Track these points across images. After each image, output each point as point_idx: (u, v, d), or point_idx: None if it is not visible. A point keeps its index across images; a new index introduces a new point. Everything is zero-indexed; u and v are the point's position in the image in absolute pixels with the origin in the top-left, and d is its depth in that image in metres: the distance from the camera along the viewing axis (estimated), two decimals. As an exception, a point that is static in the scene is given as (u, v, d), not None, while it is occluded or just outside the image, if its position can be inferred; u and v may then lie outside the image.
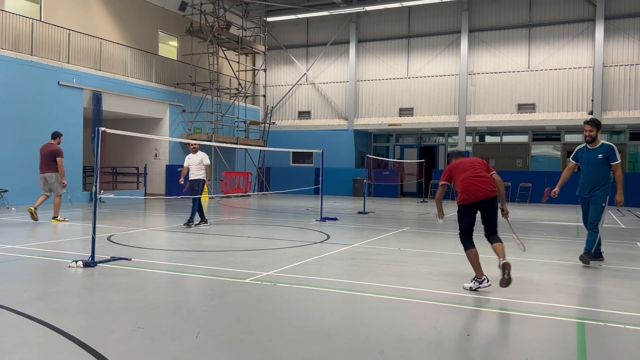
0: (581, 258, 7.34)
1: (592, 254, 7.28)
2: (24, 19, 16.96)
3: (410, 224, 13.10)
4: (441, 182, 6.23)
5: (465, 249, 5.82)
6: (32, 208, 11.67)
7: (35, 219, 11.53)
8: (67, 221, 11.85)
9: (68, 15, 19.05)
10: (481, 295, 5.50)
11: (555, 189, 7.58)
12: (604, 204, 7.20)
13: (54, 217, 11.79)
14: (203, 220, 11.65)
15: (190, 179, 11.58)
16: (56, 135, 12.09)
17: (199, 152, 11.72)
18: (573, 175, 7.80)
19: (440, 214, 6.55)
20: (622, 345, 4.09)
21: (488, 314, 4.91)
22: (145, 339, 3.97)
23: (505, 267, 5.40)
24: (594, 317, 4.74)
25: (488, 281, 5.61)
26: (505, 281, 5.39)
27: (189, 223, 11.30)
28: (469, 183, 5.84)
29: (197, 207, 11.40)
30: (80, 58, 18.78)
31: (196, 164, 11.58)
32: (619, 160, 7.25)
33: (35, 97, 16.55)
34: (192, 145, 11.82)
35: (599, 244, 7.35)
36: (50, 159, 11.76)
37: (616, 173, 7.21)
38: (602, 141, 7.34)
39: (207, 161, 11.68)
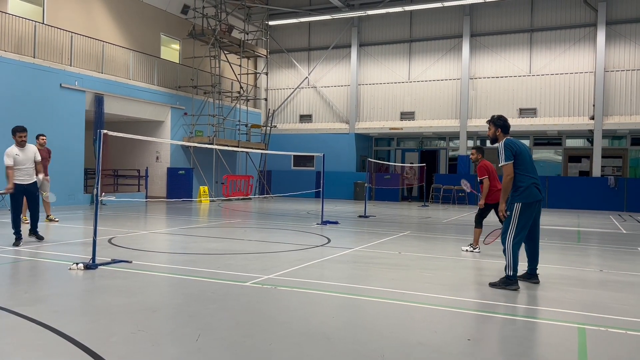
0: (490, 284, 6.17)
1: (504, 279, 6.00)
2: (26, 21, 17.02)
3: (411, 228, 13.09)
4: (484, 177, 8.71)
5: (476, 227, 8.92)
6: (50, 216, 12.02)
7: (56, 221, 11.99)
8: (57, 221, 12.21)
9: (71, 18, 19.11)
10: (482, 300, 5.50)
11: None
12: (508, 212, 6.08)
13: (49, 217, 12.13)
14: (20, 238, 8.65)
15: (24, 182, 8.69)
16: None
17: (29, 146, 8.91)
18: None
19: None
20: (623, 350, 4.08)
21: (488, 319, 4.91)
22: (146, 342, 3.96)
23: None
24: (595, 323, 4.73)
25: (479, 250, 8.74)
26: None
27: (39, 237, 8.98)
28: (494, 194, 8.56)
29: (33, 217, 9.01)
30: (83, 61, 18.83)
31: (31, 161, 8.85)
32: (502, 162, 6.03)
33: (37, 100, 16.59)
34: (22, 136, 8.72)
35: (510, 266, 5.96)
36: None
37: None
38: (504, 138, 6.26)
39: (37, 157, 8.97)
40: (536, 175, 6.17)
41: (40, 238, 9.03)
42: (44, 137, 12.26)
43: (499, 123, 6.34)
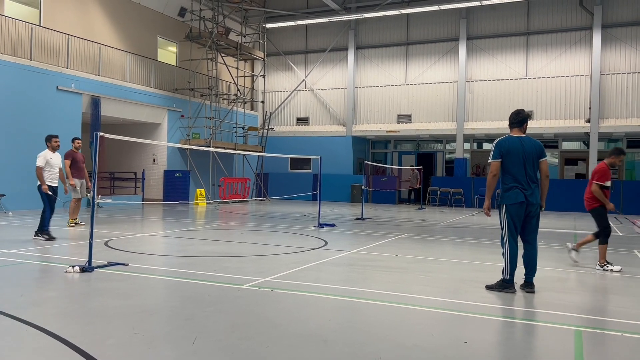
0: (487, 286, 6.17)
1: (501, 282, 6.04)
2: (23, 23, 17.00)
3: (408, 230, 13.10)
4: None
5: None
6: (75, 220, 12.05)
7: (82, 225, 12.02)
8: (83, 224, 12.20)
9: (67, 20, 19.09)
10: (478, 303, 5.50)
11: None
12: (500, 214, 6.08)
13: (75, 220, 12.20)
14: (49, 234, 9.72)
15: (52, 184, 9.84)
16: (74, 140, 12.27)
17: (57, 153, 10.19)
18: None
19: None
20: (619, 352, 4.09)
21: (485, 321, 4.91)
22: (142, 345, 3.95)
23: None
24: (592, 325, 4.74)
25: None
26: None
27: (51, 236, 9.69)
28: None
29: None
30: (79, 63, 18.81)
31: (59, 166, 10.09)
32: (489, 159, 6.11)
33: (33, 102, 16.56)
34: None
35: (506, 269, 5.99)
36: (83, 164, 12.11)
37: None
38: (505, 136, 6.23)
39: (61, 165, 10.35)
40: (521, 179, 5.94)
41: (50, 238, 9.60)
42: (80, 141, 12.23)
43: (509, 118, 6.28)
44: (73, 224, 11.97)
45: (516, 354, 4.02)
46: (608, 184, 7.66)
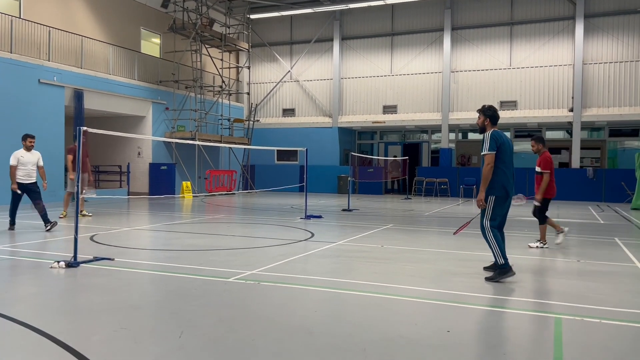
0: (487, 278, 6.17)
1: (498, 270, 6.09)
2: (3, 16, 16.70)
3: (394, 221, 13.20)
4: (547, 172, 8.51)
5: (541, 223, 8.74)
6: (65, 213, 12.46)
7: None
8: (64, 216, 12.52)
9: (48, 12, 18.79)
10: (462, 292, 5.59)
11: None
12: (488, 204, 6.13)
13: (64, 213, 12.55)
14: (13, 223, 10.20)
15: (23, 182, 10.01)
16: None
17: (35, 152, 10.28)
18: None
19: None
20: (597, 339, 4.19)
21: (467, 311, 4.99)
22: (128, 340, 3.97)
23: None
24: (571, 312, 4.84)
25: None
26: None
27: (51, 222, 10.08)
28: (552, 188, 8.65)
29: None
30: (61, 56, 18.56)
31: (33, 164, 10.20)
32: (485, 151, 6.09)
33: (15, 96, 16.32)
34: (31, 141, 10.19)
35: (499, 254, 6.07)
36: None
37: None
38: (492, 130, 6.25)
39: (40, 162, 10.35)
40: (513, 171, 6.27)
41: (53, 224, 10.09)
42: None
43: (489, 113, 6.32)
44: (63, 216, 12.42)
45: (497, 341, 4.11)
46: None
